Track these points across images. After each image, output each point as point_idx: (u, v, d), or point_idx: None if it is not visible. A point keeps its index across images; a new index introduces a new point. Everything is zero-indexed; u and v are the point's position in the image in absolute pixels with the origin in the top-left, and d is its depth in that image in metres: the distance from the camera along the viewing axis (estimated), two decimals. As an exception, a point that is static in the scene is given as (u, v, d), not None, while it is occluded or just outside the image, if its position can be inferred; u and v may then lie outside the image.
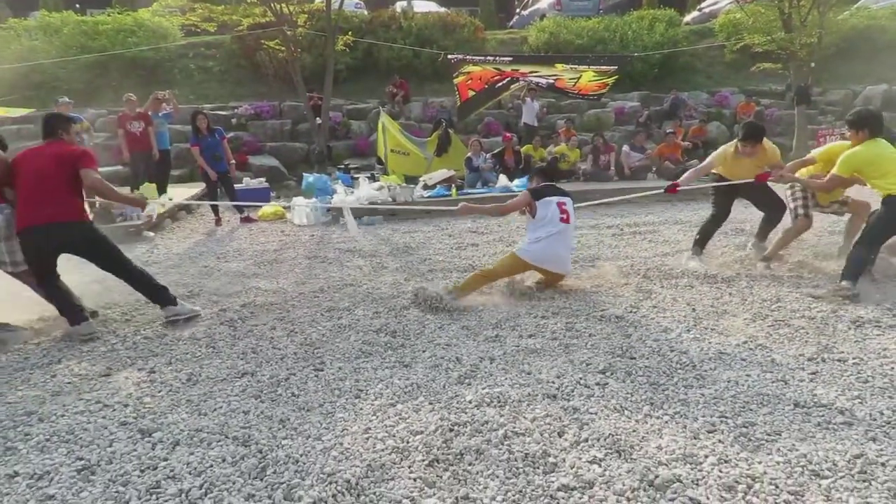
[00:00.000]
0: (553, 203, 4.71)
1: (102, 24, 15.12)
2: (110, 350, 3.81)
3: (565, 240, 4.70)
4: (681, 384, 3.05)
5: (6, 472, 2.47)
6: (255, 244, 7.03)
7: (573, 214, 4.80)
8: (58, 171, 4.00)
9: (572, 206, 4.83)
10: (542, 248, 4.60)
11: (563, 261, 4.75)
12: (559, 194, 4.81)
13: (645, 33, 16.74)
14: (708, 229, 5.54)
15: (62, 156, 4.06)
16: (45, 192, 3.96)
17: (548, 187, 4.88)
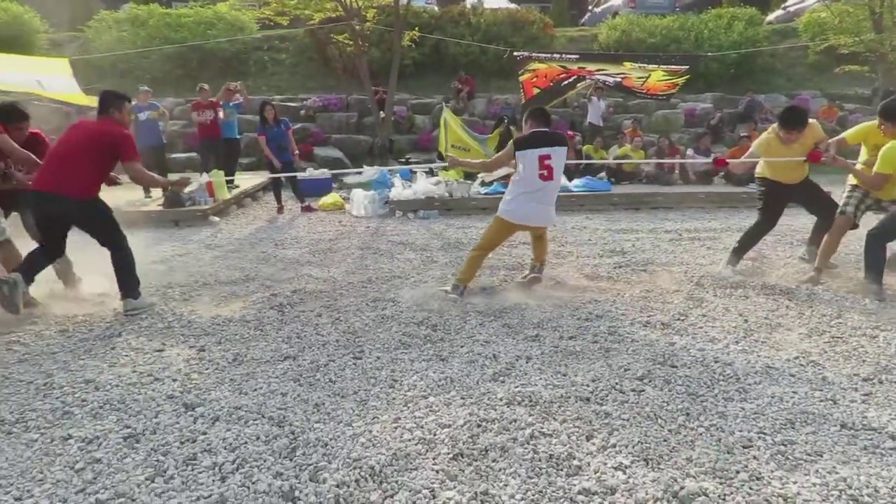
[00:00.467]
0: (534, 156, 4.35)
1: (185, 16, 15.84)
2: (167, 327, 4.01)
3: (548, 195, 4.46)
4: (721, 396, 2.95)
5: (61, 434, 2.66)
6: (313, 233, 7.23)
7: (560, 167, 4.45)
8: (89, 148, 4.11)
9: (561, 157, 4.44)
10: (518, 206, 4.44)
11: (545, 215, 4.54)
12: (547, 144, 4.39)
13: (722, 32, 16.11)
14: (750, 237, 5.20)
15: (102, 135, 4.15)
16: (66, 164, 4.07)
17: (535, 135, 4.45)
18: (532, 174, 4.37)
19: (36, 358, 3.52)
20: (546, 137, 4.43)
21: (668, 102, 14.09)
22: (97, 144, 4.13)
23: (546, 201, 4.47)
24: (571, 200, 8.70)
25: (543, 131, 4.48)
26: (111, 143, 4.15)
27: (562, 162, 4.47)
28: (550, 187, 4.44)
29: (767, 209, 5.11)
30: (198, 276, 5.30)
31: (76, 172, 4.08)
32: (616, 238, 6.71)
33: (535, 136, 4.45)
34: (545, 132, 4.47)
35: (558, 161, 4.41)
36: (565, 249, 6.17)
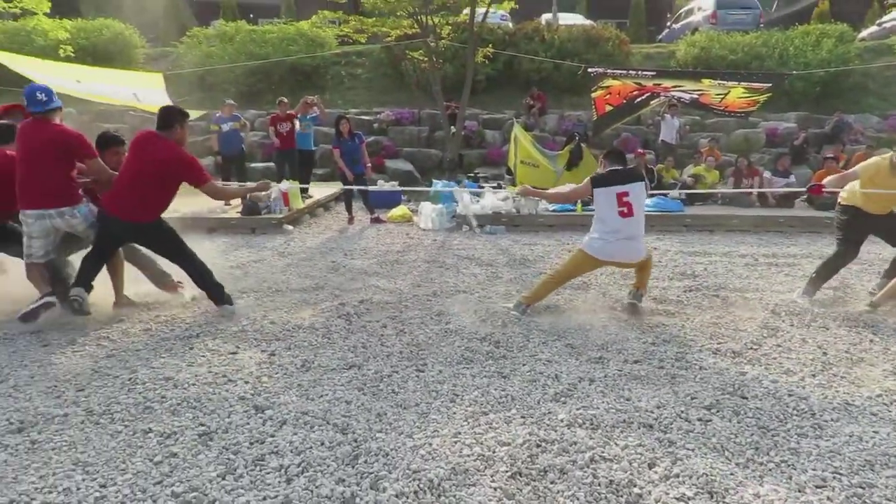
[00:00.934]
0: (611, 194, 4.34)
1: (269, 32, 16.57)
2: (241, 331, 4.20)
3: (632, 231, 4.37)
4: (794, 432, 2.82)
5: (143, 428, 2.84)
6: (381, 244, 7.39)
7: (640, 202, 4.38)
8: (157, 175, 4.20)
9: (640, 193, 4.38)
10: (604, 244, 4.38)
11: (631, 251, 4.44)
12: (625, 181, 4.37)
13: (809, 50, 15.41)
14: (828, 269, 4.94)
15: (168, 162, 4.21)
16: (135, 190, 4.19)
17: (612, 173, 4.46)
18: (611, 212, 4.35)
19: (122, 354, 3.77)
20: (623, 175, 4.43)
21: (748, 121, 13.61)
22: (164, 174, 4.23)
23: (630, 237, 4.39)
24: (642, 220, 8.52)
25: (620, 169, 4.48)
26: (177, 173, 4.27)
27: (642, 197, 4.42)
28: (632, 223, 4.37)
29: (849, 240, 4.85)
30: (271, 283, 5.52)
31: (144, 199, 4.22)
32: (687, 261, 6.52)
33: (612, 173, 4.46)
34: (621, 170, 4.48)
35: (637, 197, 4.37)
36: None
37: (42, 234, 4.25)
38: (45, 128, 4.18)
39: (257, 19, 23.34)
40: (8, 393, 3.21)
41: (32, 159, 4.13)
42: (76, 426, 2.86)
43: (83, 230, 4.35)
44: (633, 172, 4.51)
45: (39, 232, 4.23)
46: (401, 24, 13.35)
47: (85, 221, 4.33)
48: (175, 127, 4.34)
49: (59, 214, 4.20)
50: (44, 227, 4.22)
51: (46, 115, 4.23)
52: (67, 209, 4.22)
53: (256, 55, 15.32)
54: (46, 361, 3.63)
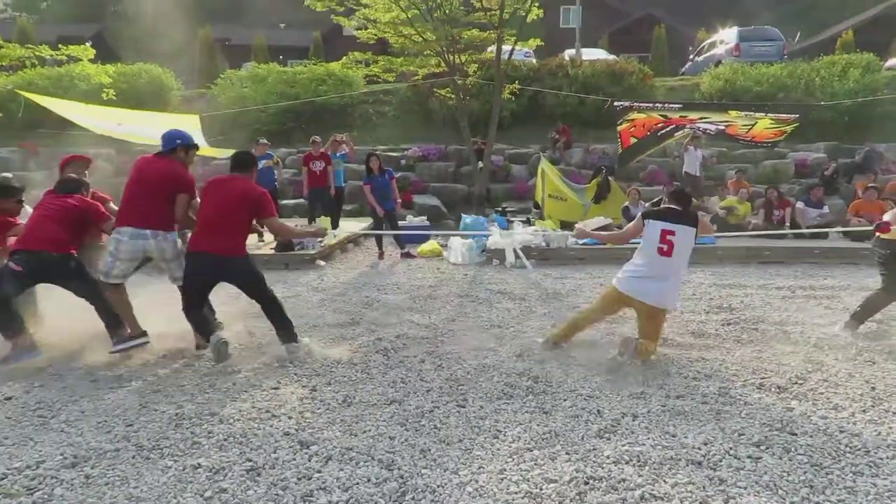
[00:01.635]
0: (657, 228, 4.24)
1: (299, 73, 17.08)
2: (281, 366, 4.25)
3: (664, 272, 4.23)
4: (849, 470, 2.76)
5: (192, 463, 2.88)
6: (413, 279, 7.45)
7: (684, 248, 4.25)
8: (239, 208, 4.35)
9: (687, 237, 4.24)
10: (632, 279, 4.29)
11: (656, 293, 4.22)
12: (674, 220, 4.25)
13: (836, 80, 15.38)
14: (873, 305, 4.82)
15: (246, 194, 4.38)
16: (222, 225, 4.31)
17: (666, 209, 4.38)
18: (651, 246, 4.26)
19: (168, 389, 3.84)
20: (675, 214, 4.32)
21: (775, 152, 13.55)
22: (245, 208, 4.39)
23: (661, 278, 4.24)
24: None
25: (675, 209, 4.36)
26: (255, 205, 4.41)
27: (687, 243, 4.27)
28: (668, 264, 4.24)
29: (893, 275, 4.74)
30: (307, 318, 5.59)
31: (233, 233, 4.38)
32: (723, 294, 6.45)
33: (666, 210, 4.39)
34: (677, 209, 4.36)
35: (682, 240, 4.23)
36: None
37: (129, 257, 4.39)
38: (163, 163, 4.50)
39: (287, 61, 24.04)
40: (60, 428, 3.29)
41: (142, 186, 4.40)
42: (128, 461, 2.91)
43: (171, 257, 4.49)
44: (687, 215, 4.35)
45: (126, 254, 4.37)
46: (428, 63, 13.67)
47: (174, 249, 4.50)
48: (252, 170, 4.60)
49: (154, 236, 4.37)
50: (135, 247, 4.35)
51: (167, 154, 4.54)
52: (162, 233, 4.42)
53: (287, 95, 15.77)
54: (96, 397, 3.72)
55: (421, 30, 12.46)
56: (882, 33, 24.45)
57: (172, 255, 4.50)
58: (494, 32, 12.58)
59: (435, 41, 12.47)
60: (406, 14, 12.33)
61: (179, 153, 4.56)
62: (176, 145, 4.54)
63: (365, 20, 12.91)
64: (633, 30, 31.60)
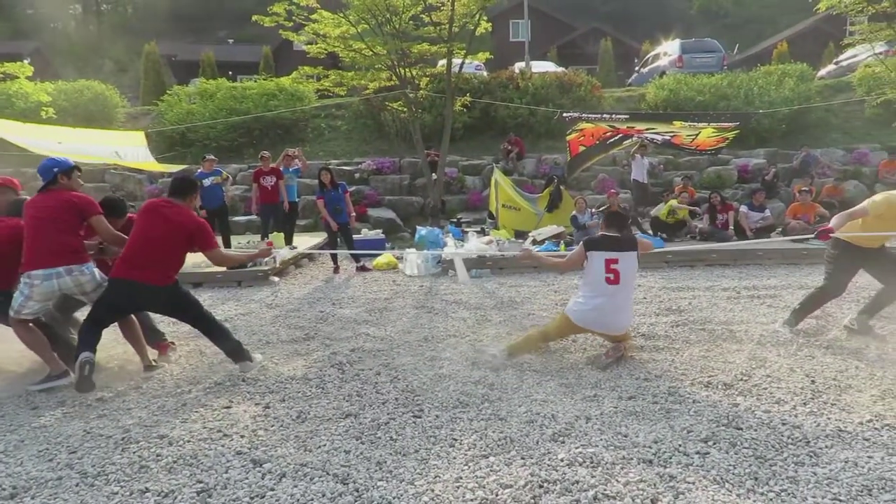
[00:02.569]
0: (600, 260, 4.35)
1: (249, 89, 16.87)
2: (234, 385, 4.16)
3: (615, 301, 4.35)
4: (791, 460, 2.86)
5: (139, 488, 2.79)
6: (368, 292, 7.41)
7: (629, 272, 4.38)
8: (174, 239, 4.22)
9: (630, 262, 4.38)
10: (587, 311, 4.37)
11: (610, 321, 4.41)
12: (615, 248, 4.37)
13: (773, 89, 16.06)
14: (813, 302, 4.93)
15: (183, 225, 4.25)
16: (154, 254, 4.17)
17: (605, 238, 4.48)
18: (598, 277, 4.35)
19: (114, 413, 3.71)
20: (615, 242, 4.42)
21: (719, 158, 14.04)
22: (179, 238, 4.26)
23: (612, 307, 4.35)
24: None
25: (614, 236, 4.47)
26: (191, 237, 4.28)
27: (631, 267, 4.41)
28: (617, 292, 4.34)
29: (838, 275, 4.82)
30: (260, 335, 5.49)
31: (162, 262, 4.23)
32: (672, 296, 6.63)
33: (604, 238, 4.47)
34: (616, 237, 4.47)
35: (626, 266, 4.36)
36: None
37: (42, 298, 4.19)
38: (51, 197, 4.24)
39: (236, 76, 23.73)
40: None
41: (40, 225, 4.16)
42: (70, 489, 2.80)
43: (91, 290, 4.27)
44: (627, 241, 4.48)
45: (41, 295, 4.15)
46: (379, 77, 13.68)
47: (93, 280, 4.27)
48: (189, 198, 4.44)
49: (68, 272, 4.14)
50: (49, 288, 4.13)
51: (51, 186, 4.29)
52: (76, 266, 4.18)
53: (237, 111, 15.56)
54: (37, 425, 3.57)
55: (371, 44, 12.48)
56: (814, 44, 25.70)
57: (92, 287, 4.27)
58: (444, 46, 12.69)
59: (385, 55, 12.50)
60: (356, 28, 12.34)
61: (62, 181, 4.30)
62: (55, 174, 4.28)
63: (314, 35, 12.85)
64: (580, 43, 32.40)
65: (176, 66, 32.10)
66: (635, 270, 4.49)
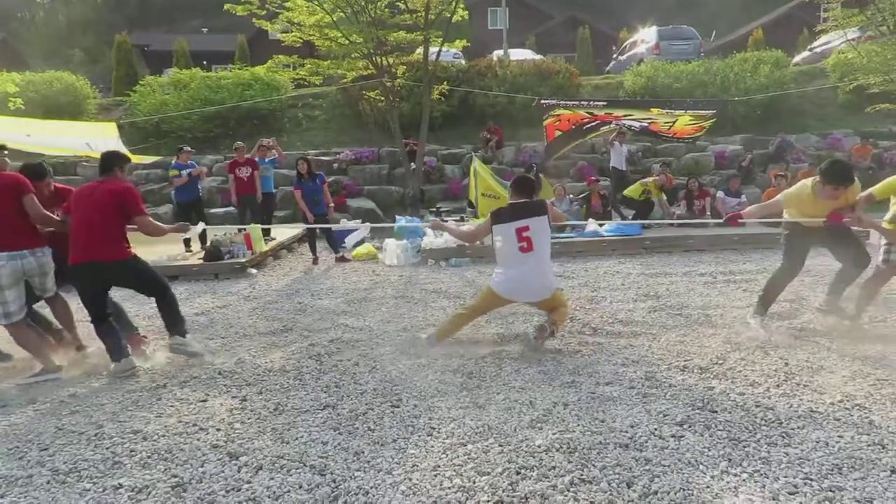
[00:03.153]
0: (511, 230, 4.29)
1: (224, 78, 16.62)
2: (210, 378, 4.11)
3: (535, 267, 4.31)
4: (763, 441, 2.90)
5: (112, 484, 2.75)
6: (347, 283, 7.37)
7: (542, 237, 4.32)
8: (107, 209, 4.22)
9: (542, 226, 4.31)
10: (508, 282, 4.36)
11: (534, 288, 4.39)
12: (524, 215, 4.30)
13: (748, 75, 16.20)
14: (775, 285, 4.86)
15: (113, 192, 4.25)
16: (93, 232, 4.18)
17: (512, 207, 4.41)
18: (512, 247, 4.32)
19: (87, 409, 3.65)
20: (523, 208, 4.36)
21: (696, 145, 14.15)
22: (115, 205, 4.26)
23: (533, 274, 4.34)
24: (603, 245, 8.73)
25: (522, 202, 4.41)
26: (122, 201, 4.27)
27: (543, 231, 4.35)
28: (534, 259, 4.31)
29: (791, 253, 4.82)
30: (237, 328, 5.44)
31: (109, 237, 4.23)
32: (650, 282, 6.68)
33: (512, 207, 4.41)
34: (523, 203, 4.41)
35: (538, 230, 4.31)
36: (599, 294, 6.17)
37: (14, 282, 4.16)
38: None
39: (211, 66, 23.36)
40: (-34, 458, 3.07)
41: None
42: (41, 487, 2.75)
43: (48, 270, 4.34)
44: (535, 205, 4.41)
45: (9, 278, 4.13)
46: (356, 66, 13.57)
47: (49, 264, 4.32)
48: (115, 171, 4.41)
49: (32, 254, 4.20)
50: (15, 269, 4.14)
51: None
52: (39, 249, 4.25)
53: (212, 101, 15.32)
54: (6, 422, 3.50)
55: (347, 32, 12.36)
56: (788, 32, 25.95)
57: (49, 268, 4.37)
58: (421, 34, 12.62)
59: (362, 43, 12.40)
60: (331, 17, 12.21)
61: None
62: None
63: (289, 24, 12.69)
64: (558, 31, 32.42)
65: (149, 56, 31.52)
66: (548, 234, 4.42)
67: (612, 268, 7.63)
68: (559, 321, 4.50)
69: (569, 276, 7.16)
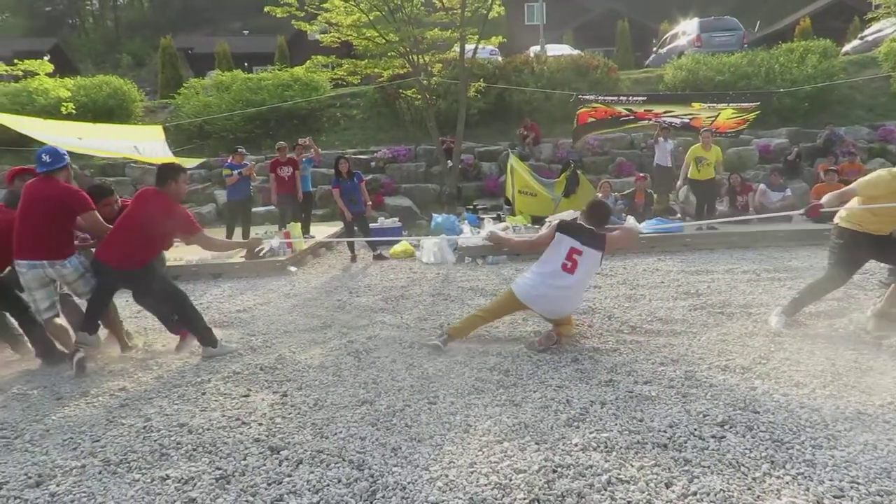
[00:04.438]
0: (566, 244, 4.37)
1: (264, 80, 16.91)
2: (252, 373, 4.22)
3: (568, 289, 4.37)
4: (808, 444, 2.83)
5: (160, 475, 2.85)
6: (385, 280, 7.44)
7: (588, 268, 4.41)
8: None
9: (592, 260, 4.38)
10: (532, 290, 4.41)
11: (553, 305, 4.44)
12: (584, 241, 4.36)
13: (795, 66, 15.70)
14: (816, 291, 4.64)
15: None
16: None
17: (580, 227, 4.46)
18: (557, 259, 4.37)
19: (135, 402, 3.79)
20: (588, 235, 4.41)
21: (739, 139, 13.80)
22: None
23: (559, 292, 4.38)
24: (642, 243, 8.59)
25: (590, 229, 4.45)
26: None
27: (592, 265, 4.43)
28: (569, 282, 4.36)
29: (843, 265, 4.51)
30: (278, 325, 5.55)
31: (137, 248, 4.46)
32: (690, 280, 6.56)
33: (579, 227, 4.46)
34: (590, 230, 4.44)
35: (587, 261, 4.37)
36: (637, 293, 6.09)
37: (39, 284, 4.41)
38: (48, 185, 4.42)
39: (252, 67, 23.81)
40: (24, 448, 3.23)
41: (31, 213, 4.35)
42: (94, 477, 2.87)
43: (73, 280, 4.49)
44: (598, 238, 4.43)
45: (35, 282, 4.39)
46: (393, 65, 13.66)
47: (76, 272, 4.47)
48: (169, 183, 4.55)
49: (51, 265, 4.38)
50: (37, 275, 4.38)
51: (50, 174, 4.45)
52: (58, 262, 4.40)
53: (253, 102, 15.61)
54: (61, 414, 3.66)
55: (384, 31, 12.45)
56: (837, 19, 25.06)
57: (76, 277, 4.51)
58: (457, 31, 12.62)
59: (398, 42, 12.47)
60: (368, 16, 12.31)
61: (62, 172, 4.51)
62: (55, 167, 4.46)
63: (327, 24, 12.85)
64: (596, 25, 31.94)
65: (192, 58, 32.32)
66: (594, 269, 4.55)
67: (651, 265, 7.51)
68: (565, 334, 4.56)
69: (607, 274, 7.08)
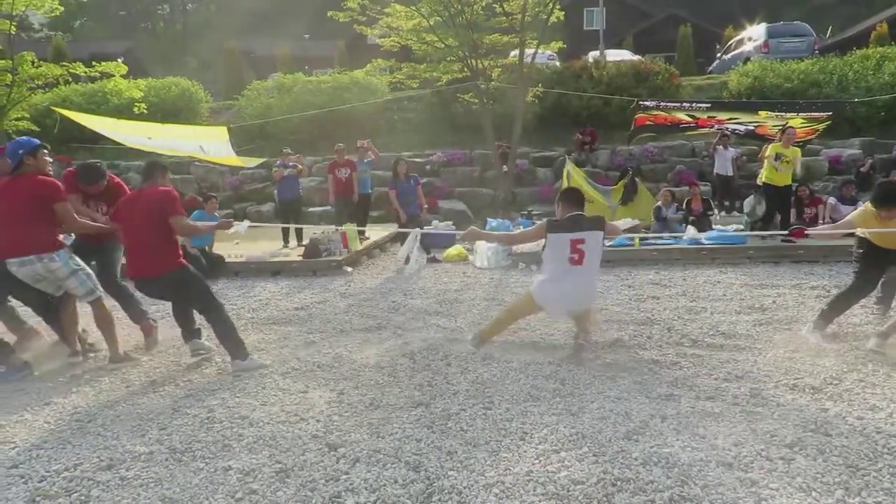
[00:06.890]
0: (566, 240, 4.25)
1: (324, 82, 17.30)
2: (310, 370, 4.30)
3: (580, 280, 4.30)
4: (886, 471, 2.68)
5: (223, 465, 2.93)
6: (439, 283, 7.46)
7: (594, 252, 4.30)
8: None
9: (596, 242, 4.30)
10: (549, 290, 4.34)
11: (579, 302, 4.43)
12: (582, 228, 4.27)
13: (870, 74, 15.02)
14: (842, 302, 4.72)
15: (157, 201, 4.35)
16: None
17: (571, 218, 4.32)
18: (562, 257, 4.29)
19: (199, 393, 3.91)
20: (582, 220, 4.34)
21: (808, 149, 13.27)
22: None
23: (577, 286, 4.33)
24: (703, 254, 8.34)
25: (579, 214, 4.36)
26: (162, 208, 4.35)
27: (597, 246, 4.34)
28: (581, 272, 4.29)
29: (865, 273, 4.69)
30: (335, 323, 5.64)
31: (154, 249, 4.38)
32: (754, 294, 6.33)
33: (570, 219, 4.34)
34: (580, 215, 4.36)
35: (592, 245, 4.29)
36: (698, 305, 5.92)
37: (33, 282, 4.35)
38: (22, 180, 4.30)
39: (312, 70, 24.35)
40: (97, 432, 3.37)
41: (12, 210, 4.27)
42: (161, 463, 2.98)
43: (65, 277, 4.35)
44: (594, 220, 4.40)
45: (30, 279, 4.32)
46: (451, 69, 13.73)
47: (66, 268, 4.33)
48: (156, 178, 4.56)
49: (39, 259, 4.23)
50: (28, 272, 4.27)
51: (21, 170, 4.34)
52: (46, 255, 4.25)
53: (312, 104, 15.97)
54: (130, 401, 3.81)
55: (443, 36, 12.54)
56: (918, 25, 23.80)
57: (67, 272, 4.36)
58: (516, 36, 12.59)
59: (457, 47, 12.53)
60: (428, 21, 12.42)
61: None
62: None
63: (388, 28, 13.03)
64: (657, 30, 31.30)
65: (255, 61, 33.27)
66: (601, 250, 4.44)
67: (712, 277, 7.28)
68: (588, 328, 4.64)
69: (665, 285, 6.91)
